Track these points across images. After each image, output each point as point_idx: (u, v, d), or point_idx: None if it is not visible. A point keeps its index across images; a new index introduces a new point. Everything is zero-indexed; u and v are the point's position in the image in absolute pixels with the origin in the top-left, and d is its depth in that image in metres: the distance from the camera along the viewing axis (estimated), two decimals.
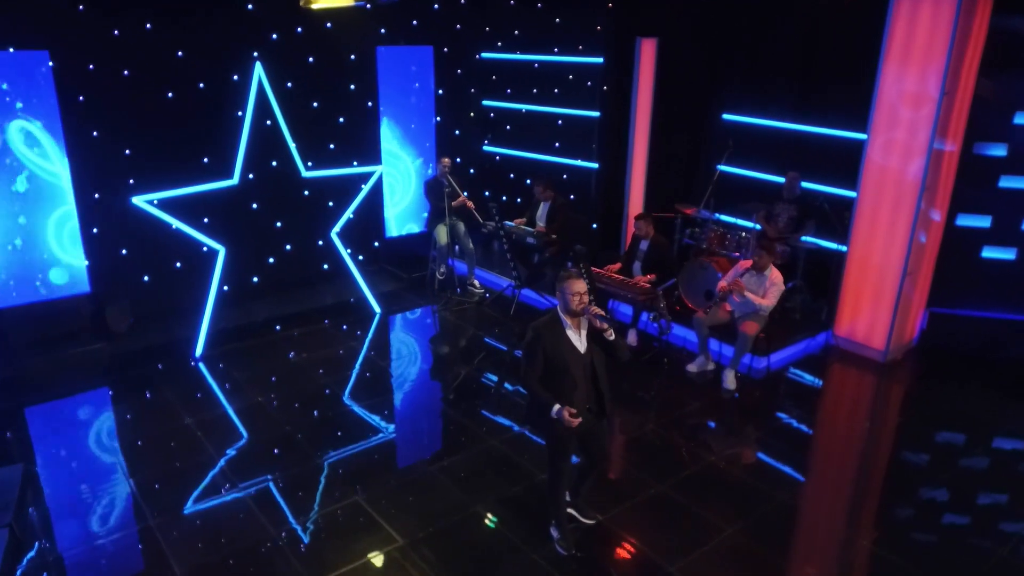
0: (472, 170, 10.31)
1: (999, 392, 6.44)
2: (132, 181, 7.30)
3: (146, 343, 7.29)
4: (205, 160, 7.68)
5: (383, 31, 8.84)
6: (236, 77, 7.70)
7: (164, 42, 7.31)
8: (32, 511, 4.86)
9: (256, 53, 7.45)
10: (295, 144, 7.41)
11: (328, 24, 8.29)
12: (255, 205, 7.65)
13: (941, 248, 6.99)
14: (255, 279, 8.46)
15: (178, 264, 7.89)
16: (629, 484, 5.12)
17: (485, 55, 10.10)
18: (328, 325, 7.87)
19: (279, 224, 8.23)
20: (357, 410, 6.19)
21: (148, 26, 7.18)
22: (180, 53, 7.42)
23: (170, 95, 7.46)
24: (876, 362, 6.85)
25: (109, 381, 6.68)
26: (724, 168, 8.14)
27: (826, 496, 5.18)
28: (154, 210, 6.71)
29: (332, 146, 8.63)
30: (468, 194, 8.72)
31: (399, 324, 8.05)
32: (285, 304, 8.24)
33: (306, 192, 7.98)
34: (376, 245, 9.48)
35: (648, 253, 7.22)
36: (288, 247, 8.50)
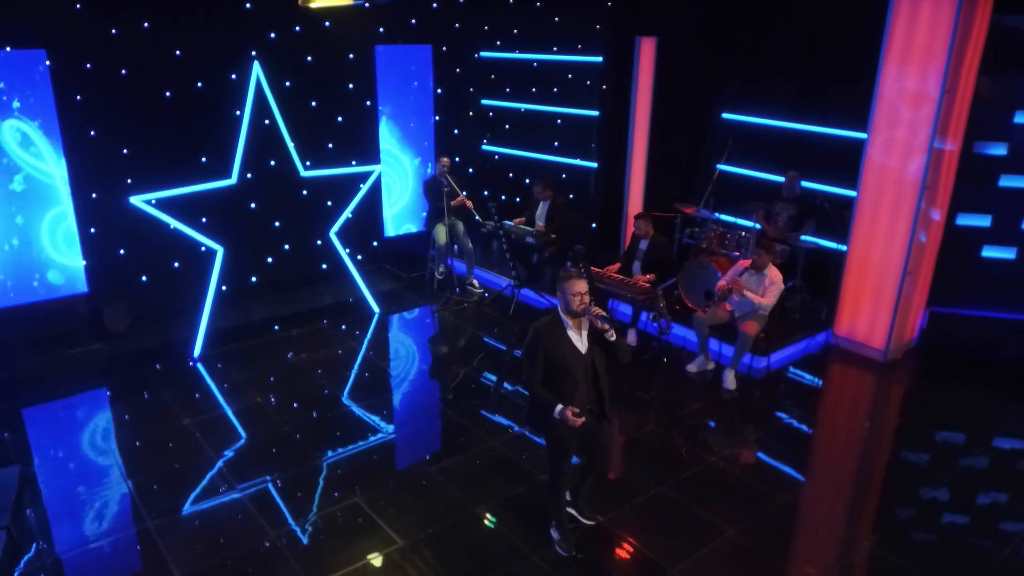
0: (471, 169, 10.29)
1: (999, 392, 6.44)
2: (130, 181, 7.28)
3: (144, 343, 7.26)
4: (203, 160, 7.66)
5: (381, 30, 8.82)
6: (234, 76, 7.68)
7: (162, 41, 7.29)
8: (30, 513, 4.84)
9: (254, 52, 7.43)
10: (293, 143, 7.39)
11: (326, 23, 8.28)
12: (253, 205, 7.63)
13: (941, 247, 6.98)
14: (254, 279, 8.44)
15: (176, 264, 7.87)
16: (629, 485, 5.11)
17: (484, 54, 10.08)
18: (327, 325, 7.86)
19: (278, 224, 8.20)
20: (356, 410, 6.17)
21: (146, 25, 7.17)
22: (178, 52, 7.40)
23: (168, 94, 7.45)
24: (876, 362, 6.84)
25: (107, 382, 6.66)
26: (724, 167, 8.12)
27: (826, 496, 5.17)
28: (152, 210, 6.69)
29: (331, 145, 8.61)
30: (467, 193, 8.70)
31: (398, 324, 8.03)
32: (284, 304, 8.22)
33: (305, 192, 7.95)
34: (375, 245, 9.46)
35: (648, 253, 7.22)
36: (287, 247, 8.47)
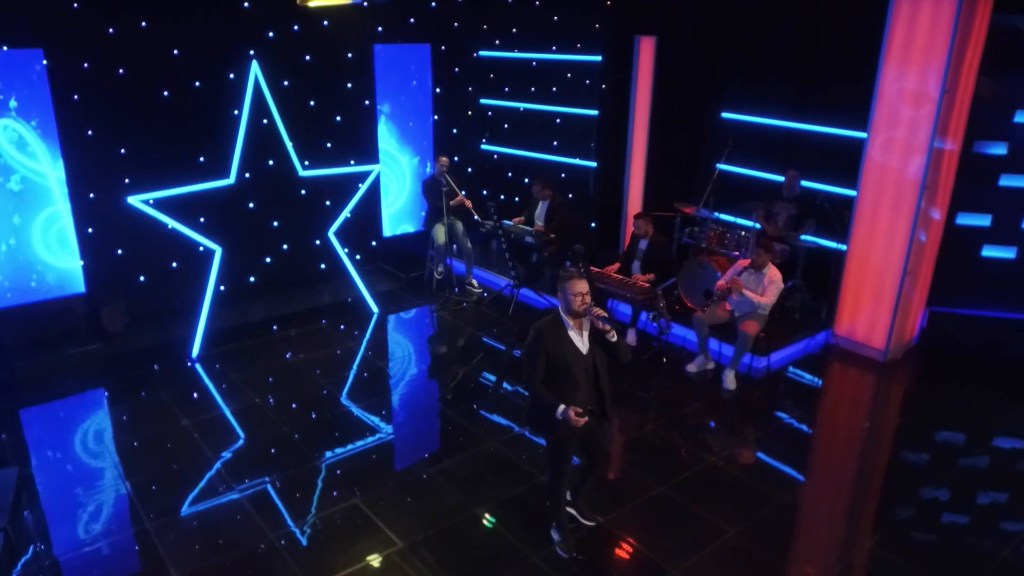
0: (470, 169, 10.28)
1: (999, 391, 6.43)
2: (127, 181, 7.25)
3: (142, 344, 7.24)
4: (201, 159, 7.63)
5: (380, 29, 8.80)
6: (232, 76, 7.65)
7: (160, 40, 7.26)
8: (27, 514, 4.82)
9: (252, 51, 7.39)
10: (292, 143, 7.37)
11: (325, 22, 8.26)
12: (252, 204, 7.61)
13: (941, 247, 6.97)
14: (252, 279, 8.41)
15: (174, 264, 7.85)
16: (630, 485, 5.09)
17: (483, 53, 10.05)
18: (325, 325, 7.83)
19: (276, 224, 8.17)
20: (355, 411, 6.15)
21: (143, 24, 7.14)
22: (176, 51, 7.37)
23: (166, 94, 7.42)
24: (876, 361, 6.83)
25: (105, 382, 6.63)
26: (723, 167, 8.11)
27: (827, 497, 5.16)
28: (150, 210, 6.67)
29: (329, 145, 8.59)
30: (466, 193, 8.68)
31: (397, 324, 8.01)
32: (282, 304, 8.20)
33: (303, 191, 7.93)
34: (373, 244, 9.44)
35: (647, 252, 7.21)
36: (285, 247, 8.45)
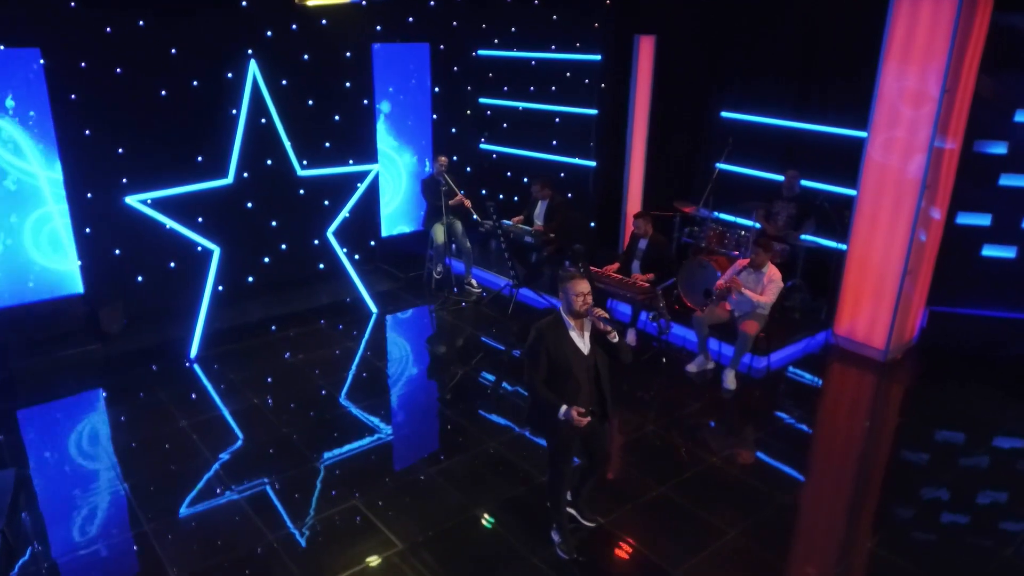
0: (469, 168, 10.26)
1: (1000, 391, 6.42)
2: (125, 180, 7.22)
3: (140, 344, 7.21)
4: (199, 159, 7.60)
5: (379, 28, 8.77)
6: (230, 75, 7.63)
7: (157, 39, 7.23)
8: (25, 516, 4.79)
9: (250, 51, 7.36)
10: (290, 143, 7.34)
11: (323, 21, 8.23)
12: (250, 204, 7.59)
13: (941, 246, 6.96)
14: (250, 279, 8.38)
15: (172, 264, 7.82)
16: (630, 486, 5.08)
17: (481, 52, 10.03)
18: (324, 325, 7.81)
19: (274, 223, 8.15)
20: (354, 411, 6.13)
21: (141, 23, 7.11)
22: (173, 51, 7.34)
23: (163, 93, 7.39)
24: (876, 361, 6.82)
25: (103, 383, 6.60)
26: (723, 166, 8.09)
27: (827, 497, 5.14)
28: (148, 210, 6.64)
29: (328, 144, 8.56)
30: (465, 192, 8.66)
31: (396, 324, 7.98)
32: (281, 304, 8.17)
33: (301, 191, 7.90)
34: (372, 244, 9.41)
35: (647, 252, 7.19)
36: (283, 246, 8.42)
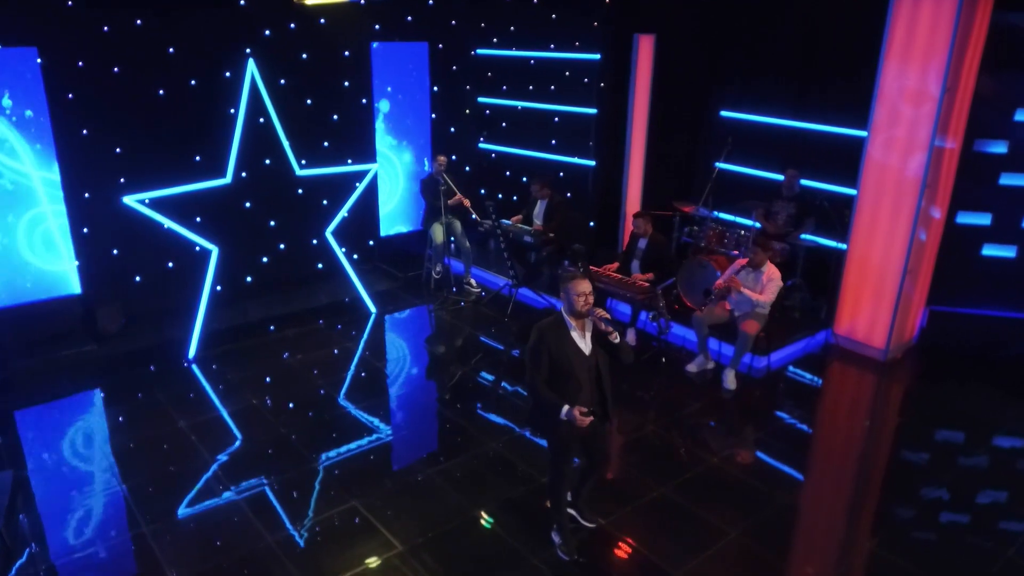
0: (467, 168, 10.23)
1: (1000, 390, 6.42)
2: (123, 180, 7.19)
3: (138, 345, 7.18)
4: (197, 158, 7.57)
5: (377, 27, 8.75)
6: (228, 74, 7.60)
7: (155, 38, 7.20)
8: (22, 518, 4.77)
9: (249, 50, 7.34)
10: (289, 142, 7.32)
11: (322, 20, 8.21)
12: (248, 204, 7.56)
13: (941, 246, 6.96)
14: (249, 279, 8.34)
15: (170, 264, 7.79)
16: (630, 487, 5.06)
17: (480, 51, 10.00)
18: (323, 325, 7.79)
19: (273, 223, 8.13)
20: (353, 412, 6.11)
21: (138, 22, 7.08)
22: (171, 50, 7.31)
23: (161, 92, 7.36)
24: (876, 361, 6.81)
25: (101, 384, 6.57)
26: (723, 166, 8.08)
27: (828, 497, 5.13)
28: (145, 210, 6.62)
29: (326, 144, 8.53)
30: (463, 191, 8.63)
31: (395, 324, 7.96)
32: (279, 304, 8.15)
33: (300, 191, 7.88)
34: (371, 244, 9.39)
35: (646, 251, 7.17)
36: (282, 246, 8.39)
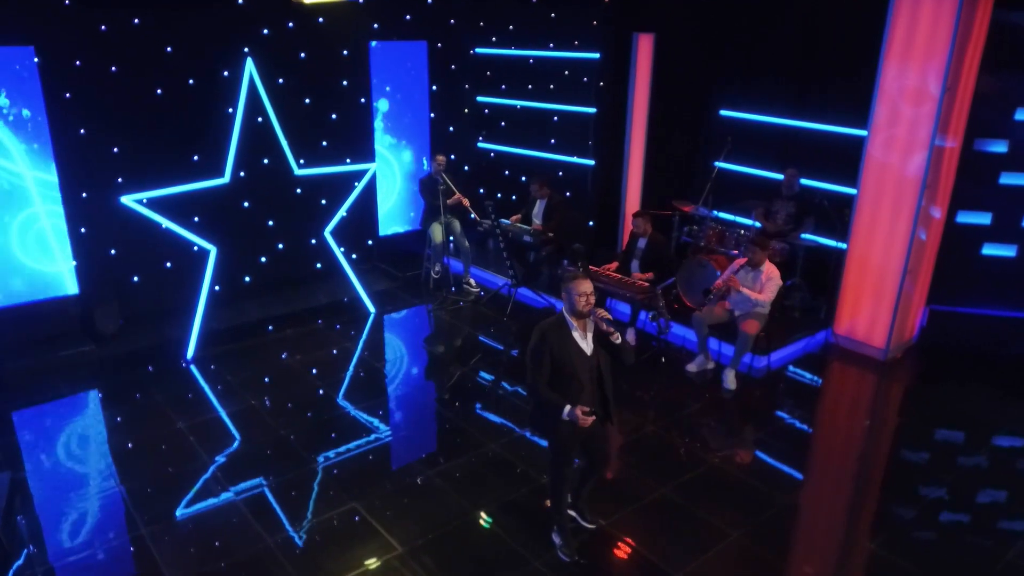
0: (466, 167, 10.21)
1: (1000, 390, 6.41)
2: (120, 180, 7.17)
3: (136, 345, 7.15)
4: (195, 158, 7.54)
5: (376, 26, 8.72)
6: (226, 73, 7.57)
7: (152, 38, 7.17)
8: (20, 519, 4.75)
9: (247, 49, 7.33)
10: (287, 141, 7.30)
11: (320, 19, 8.18)
12: (247, 204, 7.55)
13: (941, 245, 6.95)
14: (247, 279, 8.33)
15: (168, 264, 7.76)
16: (631, 487, 5.04)
17: (479, 50, 9.98)
18: (322, 325, 7.76)
19: (271, 223, 8.12)
20: (352, 412, 6.09)
21: (136, 21, 7.05)
22: (169, 49, 7.28)
23: (159, 92, 7.32)
24: (876, 360, 6.81)
25: (98, 384, 6.55)
26: (722, 165, 8.06)
27: (828, 497, 5.12)
28: (143, 209, 6.60)
29: (325, 143, 8.51)
30: (462, 190, 8.61)
31: (394, 324, 7.94)
32: (278, 304, 8.12)
33: (298, 190, 7.88)
34: (370, 243, 9.37)
35: (646, 251, 7.16)
36: (280, 246, 8.39)
